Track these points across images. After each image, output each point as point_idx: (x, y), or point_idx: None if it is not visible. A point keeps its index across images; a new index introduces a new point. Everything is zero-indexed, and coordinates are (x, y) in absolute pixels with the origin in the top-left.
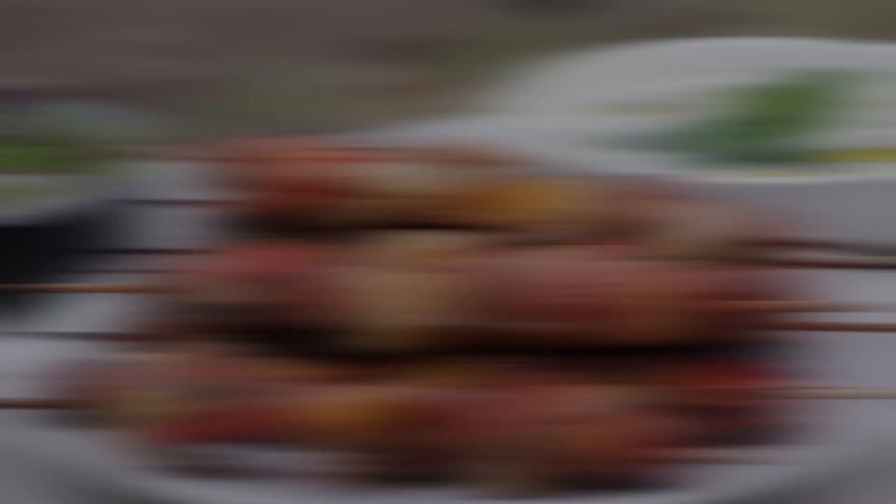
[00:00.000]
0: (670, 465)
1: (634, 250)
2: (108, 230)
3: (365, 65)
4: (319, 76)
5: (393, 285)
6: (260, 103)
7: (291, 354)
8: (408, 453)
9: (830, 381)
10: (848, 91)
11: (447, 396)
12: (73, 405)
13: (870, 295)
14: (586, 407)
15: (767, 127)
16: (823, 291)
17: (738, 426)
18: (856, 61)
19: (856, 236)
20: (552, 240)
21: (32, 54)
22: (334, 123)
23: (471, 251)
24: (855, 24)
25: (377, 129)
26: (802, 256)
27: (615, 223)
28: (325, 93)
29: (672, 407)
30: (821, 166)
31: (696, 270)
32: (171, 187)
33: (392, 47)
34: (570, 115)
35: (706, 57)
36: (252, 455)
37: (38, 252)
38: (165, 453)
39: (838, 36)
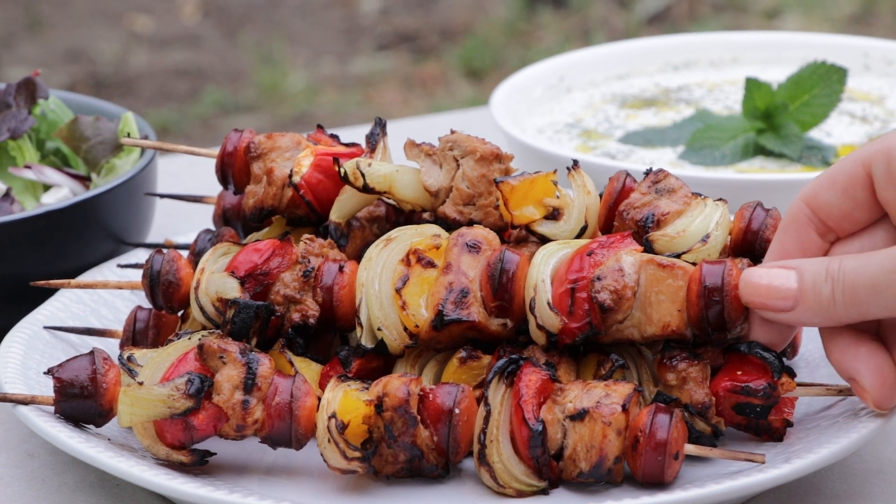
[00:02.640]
0: (673, 463)
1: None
2: (112, 224)
3: (371, 56)
4: (322, 68)
5: (394, 281)
6: (263, 95)
7: (292, 351)
8: (408, 450)
9: (824, 378)
10: (846, 86)
11: (447, 394)
12: (76, 400)
13: None
14: (588, 404)
15: (770, 122)
16: None
17: (742, 424)
18: (853, 56)
19: None
20: (552, 235)
21: (36, 46)
22: (336, 116)
23: (471, 245)
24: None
25: (381, 122)
26: None
27: (617, 218)
28: (327, 85)
29: (675, 405)
30: (821, 162)
31: (700, 264)
32: (172, 181)
33: (398, 39)
34: (576, 109)
35: (709, 51)
36: (252, 451)
37: (44, 246)
38: (166, 449)
39: (832, 31)
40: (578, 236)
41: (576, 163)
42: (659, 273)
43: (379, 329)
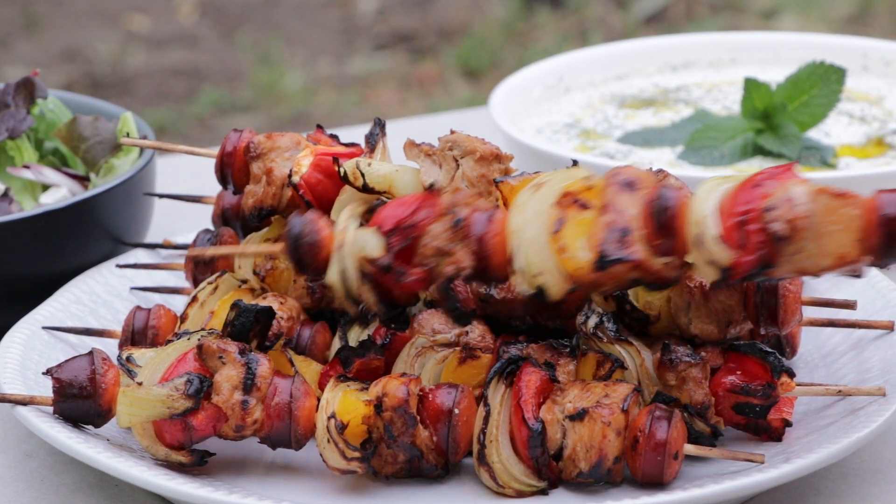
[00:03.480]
0: (672, 463)
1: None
2: (110, 224)
3: (368, 56)
4: (319, 68)
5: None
6: (260, 95)
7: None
8: (407, 450)
9: (822, 378)
10: (845, 86)
11: (447, 394)
12: (75, 400)
13: (864, 291)
14: (588, 404)
15: (769, 122)
16: (818, 287)
17: (741, 424)
18: (852, 56)
19: None
20: None
21: (33, 45)
22: (333, 116)
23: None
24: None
25: (380, 122)
26: None
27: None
28: (324, 85)
29: (674, 405)
30: (819, 162)
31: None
32: (171, 181)
33: (396, 39)
34: (574, 110)
35: (708, 52)
36: (253, 451)
37: (42, 246)
38: (165, 450)
39: (830, 31)
40: None
41: (575, 163)
42: (833, 202)
43: (537, 275)
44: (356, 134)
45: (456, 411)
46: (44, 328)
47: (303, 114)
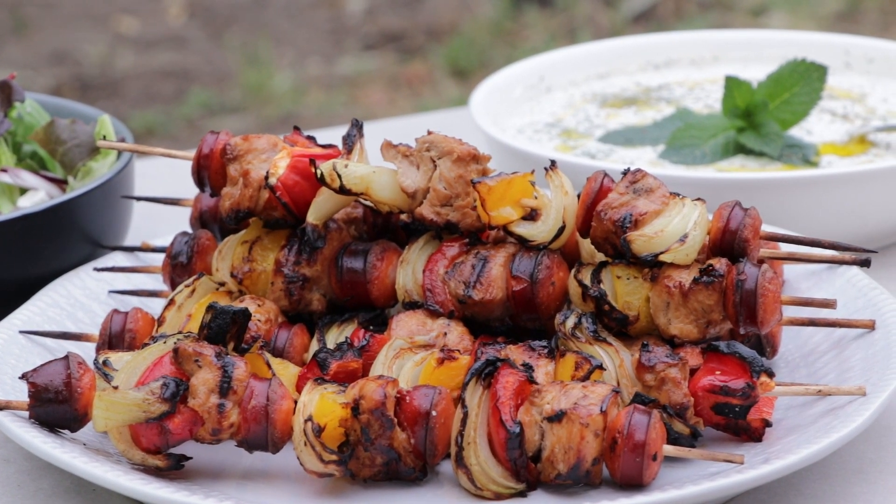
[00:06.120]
0: (651, 464)
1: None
2: (89, 227)
3: (357, 56)
4: (308, 68)
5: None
6: (249, 96)
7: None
8: (385, 453)
9: (803, 378)
10: (827, 84)
11: (424, 396)
12: (50, 405)
13: (845, 290)
14: (566, 405)
15: (751, 120)
16: (799, 286)
17: (721, 424)
18: (835, 54)
19: (833, 231)
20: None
21: (22, 48)
22: (322, 116)
23: None
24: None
25: (357, 123)
26: (780, 252)
27: (595, 219)
28: (313, 85)
29: (653, 406)
30: (801, 160)
31: None
32: (150, 183)
33: (384, 39)
34: (556, 109)
35: (690, 50)
36: (232, 454)
37: (19, 249)
38: (141, 454)
39: (819, 29)
40: (556, 237)
41: (553, 163)
42: None
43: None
44: (336, 133)
45: (433, 413)
46: (21, 332)
47: (291, 114)
